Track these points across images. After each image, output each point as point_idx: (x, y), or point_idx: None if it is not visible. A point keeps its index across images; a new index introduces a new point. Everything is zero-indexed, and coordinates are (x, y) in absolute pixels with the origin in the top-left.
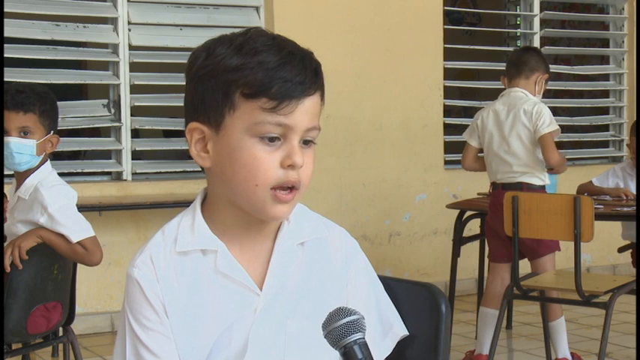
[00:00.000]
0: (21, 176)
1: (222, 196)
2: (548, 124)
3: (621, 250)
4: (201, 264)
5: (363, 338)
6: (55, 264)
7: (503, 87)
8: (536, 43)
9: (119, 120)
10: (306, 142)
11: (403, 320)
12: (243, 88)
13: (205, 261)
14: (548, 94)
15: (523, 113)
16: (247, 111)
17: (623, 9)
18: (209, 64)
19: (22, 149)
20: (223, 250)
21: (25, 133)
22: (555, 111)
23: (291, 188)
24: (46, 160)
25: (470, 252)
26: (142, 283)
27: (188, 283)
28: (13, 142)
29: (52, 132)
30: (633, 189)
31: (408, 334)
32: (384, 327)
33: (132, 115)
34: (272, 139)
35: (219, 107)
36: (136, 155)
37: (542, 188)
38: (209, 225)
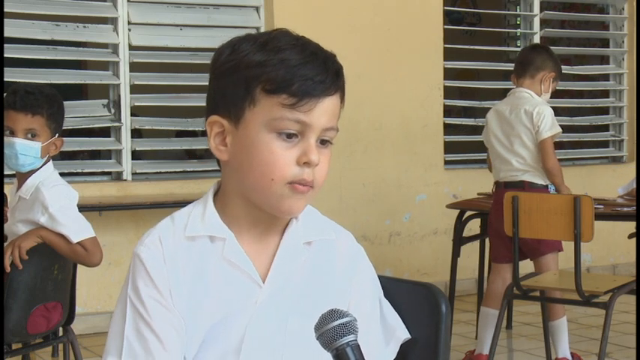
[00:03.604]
0: (22, 176)
1: (236, 189)
2: (550, 127)
3: (631, 236)
4: (209, 250)
5: (356, 340)
6: (55, 264)
7: (502, 87)
8: None
9: (119, 120)
10: (324, 142)
11: (403, 321)
12: (264, 84)
13: (213, 248)
14: None
15: (524, 113)
16: (267, 106)
17: (623, 9)
18: (233, 59)
19: (27, 151)
20: (231, 239)
21: (32, 135)
22: (555, 111)
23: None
24: (49, 161)
25: (470, 252)
26: (147, 262)
27: (194, 268)
28: (18, 143)
29: (57, 135)
30: None
31: (410, 337)
32: (387, 332)
33: (132, 115)
34: (290, 136)
35: (240, 102)
36: (136, 155)
37: (545, 187)
38: (220, 216)
